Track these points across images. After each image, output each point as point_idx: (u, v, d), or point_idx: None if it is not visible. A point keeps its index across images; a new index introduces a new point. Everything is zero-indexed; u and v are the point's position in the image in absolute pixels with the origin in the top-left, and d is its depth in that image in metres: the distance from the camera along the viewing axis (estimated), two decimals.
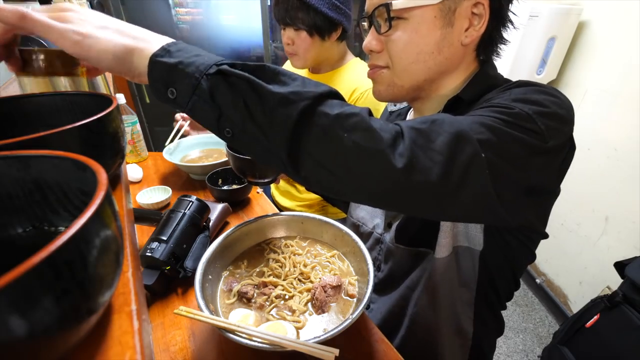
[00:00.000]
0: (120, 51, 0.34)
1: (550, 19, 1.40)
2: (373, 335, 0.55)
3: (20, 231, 0.24)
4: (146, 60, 0.34)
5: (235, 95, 0.33)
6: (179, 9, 2.21)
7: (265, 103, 0.33)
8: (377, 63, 0.54)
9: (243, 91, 0.33)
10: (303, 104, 0.32)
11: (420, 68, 0.51)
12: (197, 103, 0.34)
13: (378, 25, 0.50)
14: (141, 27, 0.37)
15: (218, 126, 0.35)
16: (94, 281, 0.18)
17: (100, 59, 0.34)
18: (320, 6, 0.91)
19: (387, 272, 0.65)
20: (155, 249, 0.59)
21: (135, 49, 0.34)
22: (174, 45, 0.35)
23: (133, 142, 1.08)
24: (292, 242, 0.65)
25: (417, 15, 0.47)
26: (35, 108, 0.38)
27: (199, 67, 0.33)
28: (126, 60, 0.35)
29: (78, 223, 0.16)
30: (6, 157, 0.23)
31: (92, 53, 0.34)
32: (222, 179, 0.94)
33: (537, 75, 1.54)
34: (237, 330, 0.43)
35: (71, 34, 0.33)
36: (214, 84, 0.33)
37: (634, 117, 1.28)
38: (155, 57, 0.34)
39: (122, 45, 0.34)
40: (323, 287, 0.53)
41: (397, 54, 0.50)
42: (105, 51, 0.34)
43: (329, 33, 0.96)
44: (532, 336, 1.64)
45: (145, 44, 0.35)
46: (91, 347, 0.21)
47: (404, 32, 0.48)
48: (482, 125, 0.36)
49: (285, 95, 0.32)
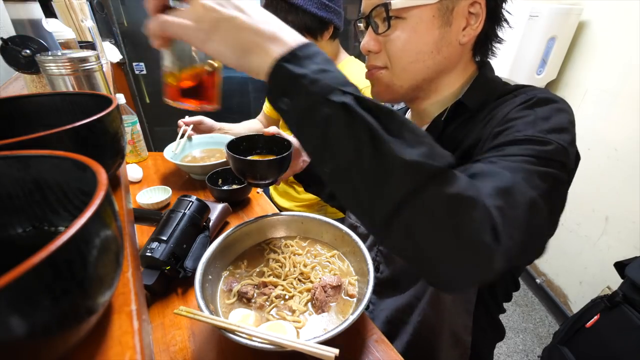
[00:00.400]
0: (243, 50, 0.32)
1: (550, 19, 1.40)
2: (373, 335, 0.55)
3: (20, 231, 0.24)
4: (268, 62, 0.32)
5: (351, 137, 0.30)
6: None
7: (382, 159, 0.29)
8: (376, 64, 0.54)
9: (361, 137, 0.30)
10: (423, 178, 0.29)
11: (419, 68, 0.51)
12: (307, 126, 0.31)
13: (376, 25, 0.50)
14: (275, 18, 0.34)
15: (320, 157, 0.32)
16: (94, 281, 0.18)
17: (222, 57, 0.33)
18: (309, 6, 0.91)
19: (389, 275, 0.65)
20: (155, 249, 0.59)
21: (261, 49, 0.32)
22: (305, 49, 0.32)
23: (133, 142, 1.08)
24: (292, 242, 0.65)
25: (415, 14, 0.47)
26: (35, 108, 0.38)
27: (322, 88, 0.30)
28: (246, 58, 0.32)
29: (78, 223, 0.16)
30: (6, 157, 0.23)
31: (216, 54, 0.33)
32: (222, 179, 0.94)
33: (537, 75, 1.54)
34: (237, 330, 0.43)
35: (200, 38, 0.32)
36: (332, 115, 0.30)
37: (634, 117, 1.28)
38: (282, 60, 0.31)
39: (246, 43, 0.32)
40: (323, 287, 0.53)
41: (396, 53, 0.50)
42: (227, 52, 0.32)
43: (320, 33, 0.96)
44: (532, 336, 1.64)
45: (273, 45, 0.32)
46: (91, 347, 0.21)
47: (402, 31, 0.48)
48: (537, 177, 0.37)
49: (409, 163, 0.29)
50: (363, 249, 0.56)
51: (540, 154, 0.38)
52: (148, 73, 2.27)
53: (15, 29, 0.70)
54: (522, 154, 0.39)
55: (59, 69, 0.57)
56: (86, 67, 0.71)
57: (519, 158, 0.38)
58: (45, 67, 0.58)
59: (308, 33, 0.95)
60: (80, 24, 1.24)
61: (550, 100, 0.45)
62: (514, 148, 0.40)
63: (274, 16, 0.34)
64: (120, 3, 2.07)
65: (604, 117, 1.42)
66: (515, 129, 0.42)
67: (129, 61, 2.22)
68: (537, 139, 0.40)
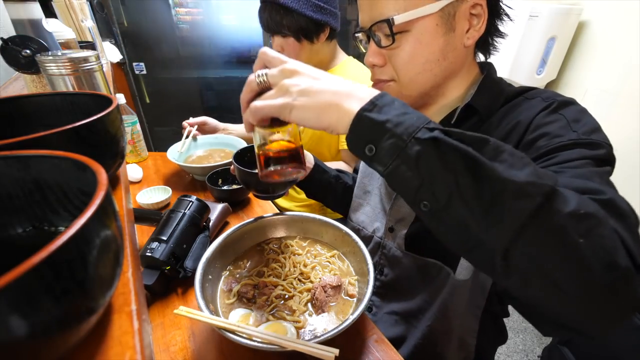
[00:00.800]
0: (323, 109, 0.34)
1: (550, 19, 1.40)
2: (373, 335, 0.55)
3: (20, 231, 0.24)
4: (348, 118, 0.33)
5: (446, 169, 0.29)
6: (179, 9, 2.20)
7: (484, 186, 0.28)
8: (382, 77, 0.53)
9: (457, 166, 0.28)
10: (540, 199, 0.27)
11: (427, 77, 0.51)
12: (399, 168, 0.31)
13: (378, 39, 0.49)
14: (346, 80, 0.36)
15: (415, 197, 0.31)
16: (94, 281, 0.18)
17: (305, 121, 0.35)
18: (304, 9, 0.91)
19: (393, 278, 0.64)
20: (155, 249, 0.59)
21: (339, 106, 0.34)
22: (382, 98, 0.33)
23: (133, 142, 1.08)
24: (292, 242, 0.65)
25: (419, 25, 0.46)
26: (35, 108, 0.38)
27: (408, 128, 0.30)
28: (325, 116, 0.34)
29: (78, 223, 0.16)
30: (6, 157, 0.23)
31: (300, 119, 0.35)
32: (222, 179, 0.94)
33: (537, 75, 1.54)
34: (237, 330, 0.43)
35: (288, 109, 0.35)
36: (422, 151, 0.29)
37: (634, 117, 1.28)
38: (363, 111, 0.32)
39: (326, 103, 0.34)
40: (323, 287, 0.53)
41: (403, 66, 0.50)
42: (310, 114, 0.35)
43: (316, 35, 0.96)
44: (532, 336, 1.64)
45: (350, 101, 0.34)
46: (91, 347, 0.21)
47: (407, 44, 0.48)
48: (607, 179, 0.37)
49: (521, 184, 0.27)
50: (363, 249, 0.56)
51: (596, 155, 0.38)
52: (148, 73, 2.27)
53: (15, 29, 0.70)
54: (578, 158, 0.37)
55: (59, 69, 0.57)
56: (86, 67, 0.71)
57: (579, 162, 0.37)
58: (45, 67, 0.58)
59: (303, 36, 0.95)
60: (80, 24, 1.24)
61: (570, 103, 0.46)
62: (566, 154, 0.38)
63: (344, 79, 0.36)
64: (120, 3, 2.07)
65: (604, 117, 1.42)
66: (554, 135, 0.42)
67: (129, 61, 2.22)
68: (584, 141, 0.39)
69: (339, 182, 0.76)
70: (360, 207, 0.72)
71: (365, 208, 0.71)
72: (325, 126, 0.35)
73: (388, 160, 0.31)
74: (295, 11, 0.91)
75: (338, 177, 0.76)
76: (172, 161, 0.96)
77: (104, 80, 0.77)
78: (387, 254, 0.65)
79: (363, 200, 0.71)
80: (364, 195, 0.71)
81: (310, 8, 0.92)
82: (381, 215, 0.66)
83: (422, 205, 0.31)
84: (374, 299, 0.69)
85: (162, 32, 2.21)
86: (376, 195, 0.68)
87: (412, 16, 0.45)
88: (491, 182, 0.28)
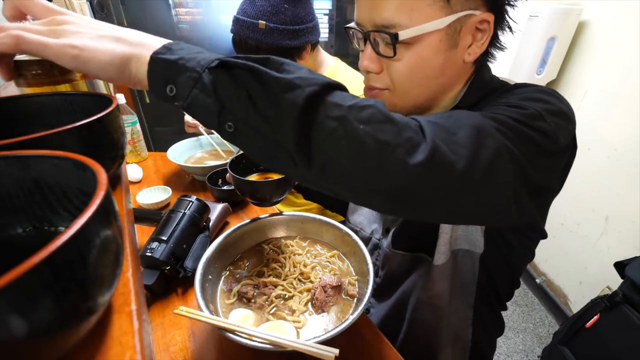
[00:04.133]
0: (119, 61, 0.33)
1: (550, 19, 1.40)
2: (373, 335, 0.55)
3: (20, 231, 0.24)
4: (145, 65, 0.33)
5: (238, 86, 0.31)
6: (179, 9, 2.20)
7: (269, 90, 0.31)
8: (376, 85, 0.51)
9: (247, 81, 0.31)
10: (310, 89, 0.30)
11: (422, 91, 0.49)
12: (197, 97, 0.32)
13: (376, 45, 0.47)
14: (139, 31, 0.36)
15: (219, 120, 0.32)
16: (94, 281, 0.18)
17: (99, 72, 0.34)
18: (279, 42, 0.86)
19: (384, 278, 0.65)
20: (155, 249, 0.59)
21: (133, 55, 0.34)
22: (176, 44, 0.34)
23: (133, 142, 1.08)
24: (292, 242, 0.65)
25: (423, 40, 0.44)
26: (35, 108, 0.38)
27: (200, 61, 0.32)
28: (125, 68, 0.34)
29: (78, 223, 0.16)
30: (6, 157, 0.23)
31: (91, 67, 0.33)
32: (222, 179, 0.94)
33: (537, 76, 1.54)
34: (237, 330, 0.43)
35: (68, 49, 0.32)
36: (215, 77, 0.31)
37: (634, 117, 1.28)
38: (156, 54, 0.33)
39: (120, 55, 0.33)
40: (323, 287, 0.53)
41: (400, 79, 0.48)
42: (103, 63, 0.33)
43: (299, 55, 0.92)
44: (532, 336, 1.64)
45: (143, 49, 0.34)
46: (91, 347, 0.21)
47: (408, 57, 0.45)
48: (498, 121, 0.36)
49: (290, 80, 0.30)
50: (363, 249, 0.56)
51: (508, 111, 0.37)
52: None
53: None
54: (490, 111, 0.38)
55: None
56: None
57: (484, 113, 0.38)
58: None
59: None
60: None
61: (531, 85, 0.45)
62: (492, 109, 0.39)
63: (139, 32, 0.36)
64: (120, 3, 2.07)
65: (604, 117, 1.42)
66: (495, 103, 0.41)
67: None
68: (510, 103, 0.39)
69: None
70: (357, 208, 0.72)
71: (362, 209, 0.71)
72: (128, 80, 0.34)
73: (187, 92, 0.32)
74: (272, 47, 0.86)
75: None
76: (172, 161, 0.96)
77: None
78: (382, 255, 0.65)
79: None
80: None
81: (286, 37, 0.86)
82: (379, 217, 0.67)
83: (227, 127, 0.32)
84: (371, 301, 0.69)
85: (162, 32, 2.20)
86: None
87: (419, 32, 0.43)
88: (271, 86, 0.30)
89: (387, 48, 0.46)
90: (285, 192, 0.61)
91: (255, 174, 0.67)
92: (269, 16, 0.83)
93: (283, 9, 0.84)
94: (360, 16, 0.47)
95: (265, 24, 0.83)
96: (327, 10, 2.40)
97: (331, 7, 2.39)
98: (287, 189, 0.60)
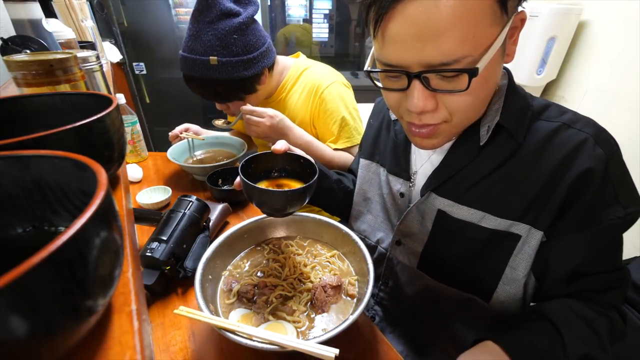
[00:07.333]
0: None
1: (550, 19, 1.40)
2: (373, 335, 0.55)
3: (20, 231, 0.24)
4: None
5: None
6: (179, 9, 2.21)
7: None
8: (431, 122, 0.45)
9: None
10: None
11: (481, 110, 0.48)
12: None
13: (426, 80, 0.41)
14: None
15: None
16: (94, 281, 0.18)
17: None
18: (235, 74, 0.82)
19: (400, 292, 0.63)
20: (155, 249, 0.59)
21: None
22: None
23: (133, 142, 1.08)
24: (292, 242, 0.65)
25: (488, 63, 0.39)
26: (35, 108, 0.38)
27: None
28: None
29: (78, 223, 0.16)
30: (6, 157, 0.23)
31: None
32: (222, 179, 0.94)
33: (537, 75, 1.54)
34: (237, 330, 0.43)
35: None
36: None
37: (634, 117, 1.28)
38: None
39: None
40: (323, 287, 0.53)
41: (464, 108, 0.43)
42: None
43: (257, 82, 0.89)
44: None
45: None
46: (91, 347, 0.21)
47: (474, 85, 0.40)
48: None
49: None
50: (363, 249, 0.56)
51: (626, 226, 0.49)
52: (148, 73, 2.27)
53: (15, 29, 0.70)
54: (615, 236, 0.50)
55: None
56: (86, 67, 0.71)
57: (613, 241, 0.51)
58: None
59: (244, 93, 0.88)
60: (80, 24, 1.24)
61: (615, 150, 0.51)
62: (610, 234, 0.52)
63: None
64: (120, 3, 2.07)
65: (604, 117, 1.42)
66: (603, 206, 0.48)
67: (129, 61, 2.22)
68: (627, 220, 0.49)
69: (340, 187, 0.74)
70: (361, 215, 0.71)
71: (366, 217, 0.69)
72: None
73: None
74: (229, 82, 0.83)
75: (339, 182, 0.74)
76: (172, 161, 0.96)
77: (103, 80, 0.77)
78: (395, 268, 0.63)
79: (363, 207, 0.70)
80: (364, 202, 0.70)
81: (241, 69, 0.82)
82: (384, 225, 0.65)
83: None
84: (376, 309, 0.68)
85: (162, 32, 2.21)
86: (377, 202, 0.67)
87: (490, 56, 0.38)
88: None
89: (444, 82, 0.41)
90: (301, 204, 0.53)
91: (264, 180, 0.60)
92: (219, 50, 0.79)
93: (232, 40, 0.79)
94: (402, 57, 0.40)
95: (217, 59, 0.79)
96: (327, 10, 2.40)
97: (331, 7, 2.39)
98: (304, 200, 0.53)
